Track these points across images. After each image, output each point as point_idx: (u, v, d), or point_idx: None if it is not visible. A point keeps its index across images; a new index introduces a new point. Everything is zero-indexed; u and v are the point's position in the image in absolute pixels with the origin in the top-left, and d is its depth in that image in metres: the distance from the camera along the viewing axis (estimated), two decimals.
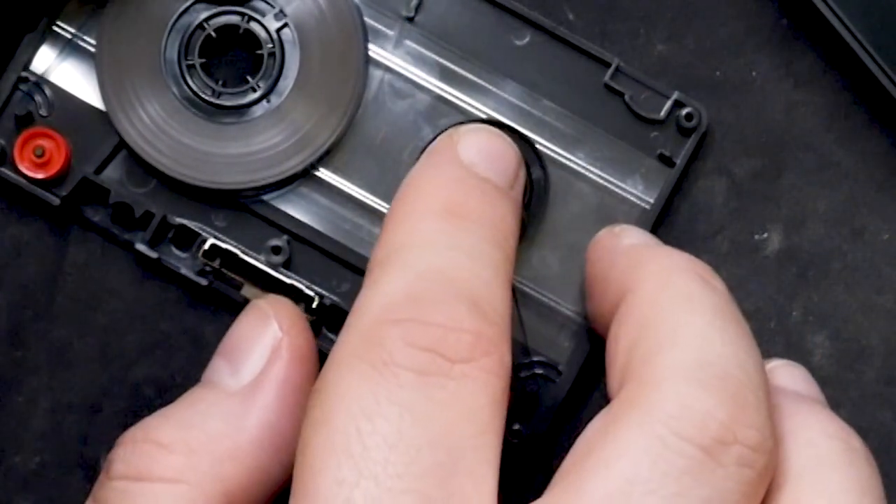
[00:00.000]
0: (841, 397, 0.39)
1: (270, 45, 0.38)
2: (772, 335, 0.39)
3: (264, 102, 0.38)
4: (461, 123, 0.37)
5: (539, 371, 0.37)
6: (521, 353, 0.37)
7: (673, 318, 0.31)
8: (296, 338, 0.35)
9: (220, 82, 0.38)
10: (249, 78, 0.38)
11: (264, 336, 0.35)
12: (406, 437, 0.29)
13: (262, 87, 0.38)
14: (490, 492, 0.30)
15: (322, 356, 0.34)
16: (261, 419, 0.34)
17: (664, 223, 0.39)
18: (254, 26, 0.38)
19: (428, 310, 0.31)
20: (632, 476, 0.29)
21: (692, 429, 0.29)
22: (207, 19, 0.38)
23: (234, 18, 0.38)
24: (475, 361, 0.30)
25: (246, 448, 0.33)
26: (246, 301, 0.37)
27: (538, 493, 0.30)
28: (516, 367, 0.37)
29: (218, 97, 0.38)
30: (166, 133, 0.38)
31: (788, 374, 0.36)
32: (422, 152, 0.36)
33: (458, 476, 0.29)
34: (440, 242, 0.32)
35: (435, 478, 0.29)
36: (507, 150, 0.35)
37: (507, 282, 0.33)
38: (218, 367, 0.35)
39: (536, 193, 0.38)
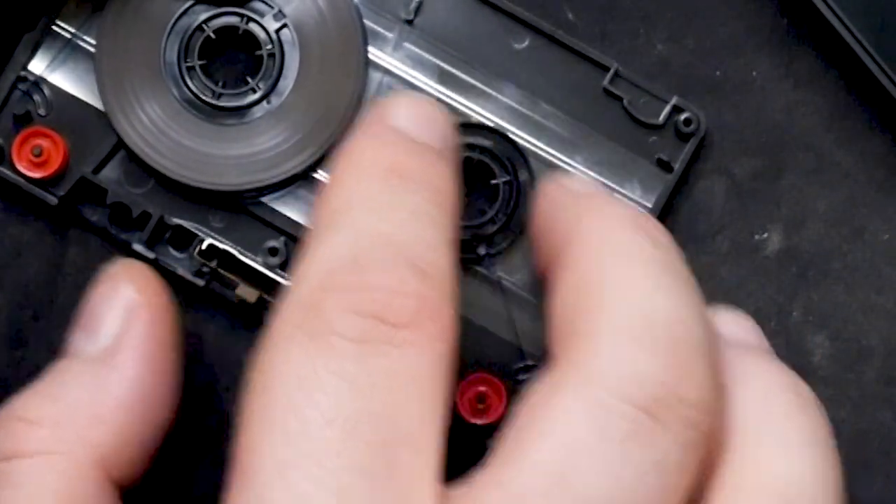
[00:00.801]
0: (841, 397, 0.39)
1: (270, 46, 0.38)
2: (772, 335, 0.39)
3: (264, 103, 0.38)
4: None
5: (533, 374, 0.37)
6: (516, 356, 0.37)
7: (611, 274, 0.30)
8: (150, 297, 0.34)
9: (220, 83, 0.38)
10: (249, 79, 0.38)
11: (118, 299, 0.34)
12: (345, 411, 0.28)
13: (262, 87, 0.38)
14: (435, 464, 0.29)
15: None
16: (124, 381, 0.33)
17: (664, 223, 0.39)
18: (253, 27, 0.38)
19: (369, 274, 0.29)
20: (574, 443, 0.28)
21: (634, 391, 0.29)
22: (207, 20, 0.38)
23: (234, 19, 0.38)
24: (419, 327, 0.29)
25: (113, 411, 0.33)
26: (242, 302, 0.37)
27: None
28: (511, 371, 0.37)
29: (218, 98, 0.38)
30: (166, 134, 0.38)
31: (734, 325, 0.35)
32: None
33: (402, 449, 0.28)
34: (380, 204, 0.31)
35: (377, 452, 0.28)
36: (438, 115, 0.34)
37: (452, 244, 0.31)
38: (76, 338, 0.34)
39: (524, 196, 0.38)
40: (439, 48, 0.38)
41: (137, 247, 0.38)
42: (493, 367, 0.37)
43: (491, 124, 0.38)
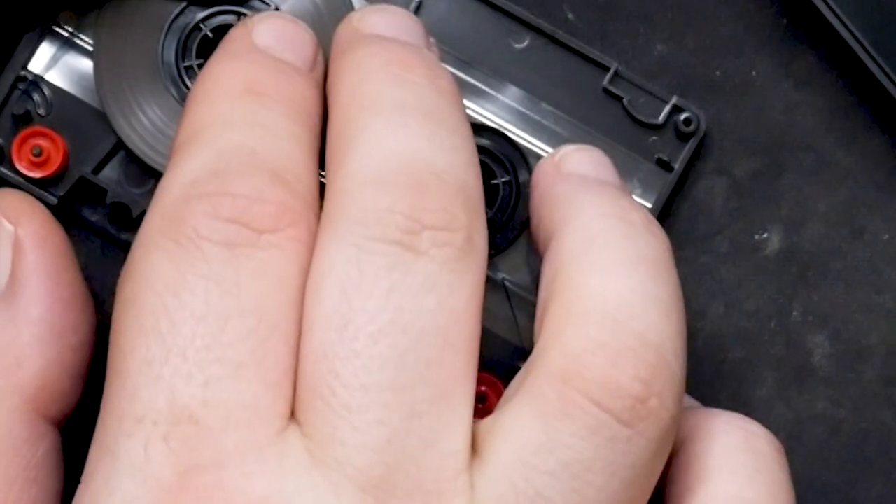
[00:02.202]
0: (841, 397, 0.39)
1: None
2: (772, 335, 0.39)
3: None
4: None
5: None
6: (517, 355, 0.37)
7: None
8: (30, 225, 0.34)
9: None
10: None
11: (1, 237, 0.34)
12: (214, 308, 0.29)
13: None
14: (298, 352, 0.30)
15: None
16: (32, 315, 0.33)
17: (664, 223, 0.39)
18: None
19: (230, 182, 0.30)
20: (345, 290, 0.30)
21: (378, 228, 0.30)
22: (204, 20, 0.38)
23: (231, 18, 0.38)
24: (281, 231, 0.30)
25: (30, 348, 0.33)
26: None
27: None
28: (512, 371, 0.37)
29: None
30: (165, 134, 0.38)
31: (576, 159, 0.35)
32: None
33: (271, 341, 0.29)
34: (240, 120, 0.32)
35: (246, 345, 0.29)
36: (301, 34, 0.35)
37: (312, 155, 0.33)
38: None
39: (524, 196, 0.38)
40: (439, 48, 0.38)
41: None
42: (493, 367, 0.37)
43: (491, 124, 0.38)
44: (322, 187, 0.32)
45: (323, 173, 0.33)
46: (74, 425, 0.34)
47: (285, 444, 0.29)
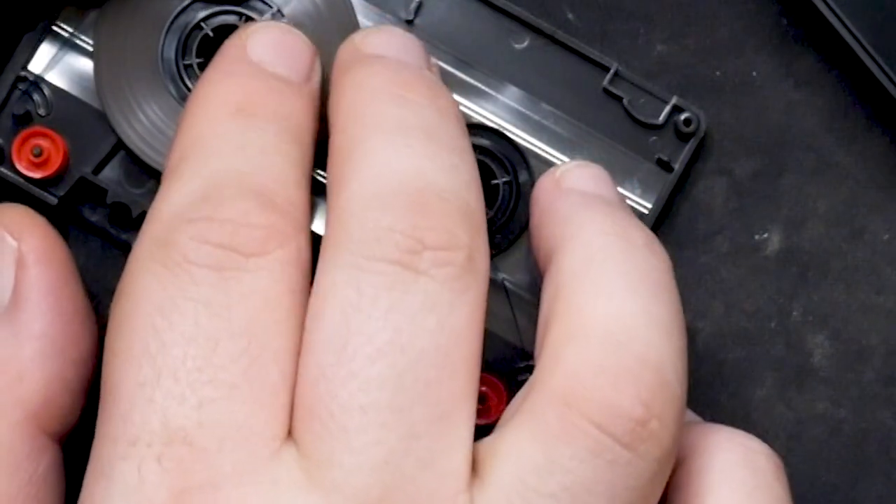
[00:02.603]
0: (841, 397, 0.39)
1: None
2: (772, 335, 0.39)
3: None
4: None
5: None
6: (518, 357, 0.37)
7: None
8: (33, 240, 0.34)
9: None
10: None
11: (1, 252, 0.34)
12: (204, 330, 0.29)
13: None
14: (292, 373, 0.30)
15: None
16: (34, 330, 0.33)
17: (664, 223, 0.39)
18: None
19: (218, 207, 0.30)
20: (344, 311, 0.30)
21: (378, 247, 0.30)
22: (205, 19, 0.38)
23: (232, 18, 0.38)
24: (269, 254, 0.30)
25: (31, 363, 0.33)
26: None
27: None
28: (512, 371, 0.37)
29: None
30: (165, 134, 0.38)
31: (576, 176, 0.35)
32: None
33: (263, 362, 0.29)
34: (230, 142, 0.32)
35: (237, 366, 0.29)
36: (297, 44, 0.35)
37: (304, 172, 0.33)
38: None
39: (524, 196, 0.38)
40: (439, 48, 0.38)
41: None
42: (494, 367, 0.37)
43: (491, 124, 0.38)
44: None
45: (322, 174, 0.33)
46: (76, 440, 0.34)
47: (281, 465, 0.29)
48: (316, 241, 0.32)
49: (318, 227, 0.34)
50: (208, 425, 0.29)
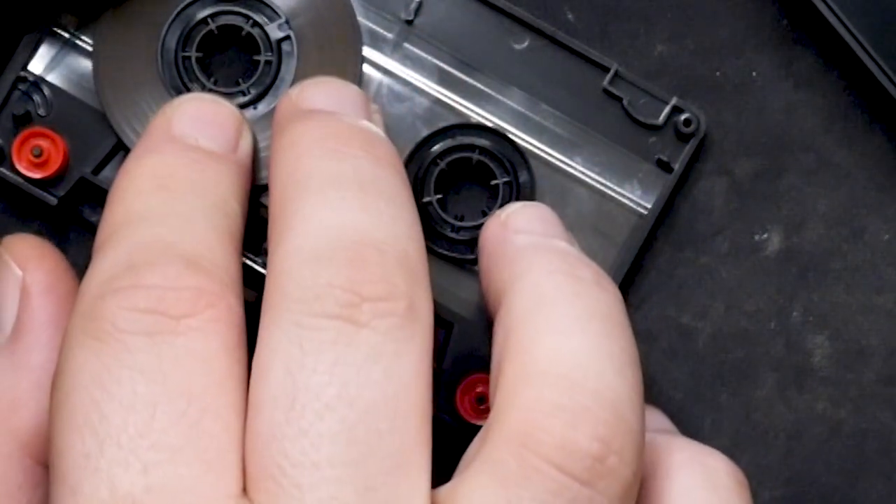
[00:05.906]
0: (841, 397, 0.39)
1: (269, 54, 0.38)
2: (772, 335, 0.39)
3: (251, 108, 0.38)
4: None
5: None
6: None
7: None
8: (37, 271, 0.34)
9: (213, 80, 0.38)
10: (242, 81, 0.38)
11: (7, 281, 0.34)
12: (141, 396, 0.29)
13: (252, 92, 0.38)
14: (238, 430, 0.30)
15: None
16: (32, 362, 0.33)
17: (664, 223, 0.39)
18: (257, 32, 0.38)
19: (143, 274, 0.30)
20: (289, 369, 0.29)
21: (318, 304, 0.30)
22: (212, 15, 0.38)
23: (239, 20, 0.38)
24: (200, 314, 0.30)
25: (28, 395, 0.33)
26: None
27: None
28: None
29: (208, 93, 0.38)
30: None
31: (523, 217, 0.35)
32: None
33: (205, 422, 0.29)
34: (154, 214, 0.32)
35: (178, 429, 0.29)
36: (219, 114, 0.35)
37: (230, 239, 0.33)
38: None
39: (523, 197, 0.38)
40: (439, 49, 0.38)
41: None
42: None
43: (491, 125, 0.38)
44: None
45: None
46: None
47: None
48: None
49: None
50: (156, 489, 0.28)
